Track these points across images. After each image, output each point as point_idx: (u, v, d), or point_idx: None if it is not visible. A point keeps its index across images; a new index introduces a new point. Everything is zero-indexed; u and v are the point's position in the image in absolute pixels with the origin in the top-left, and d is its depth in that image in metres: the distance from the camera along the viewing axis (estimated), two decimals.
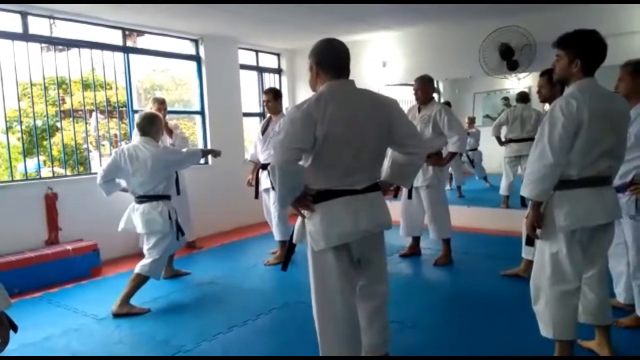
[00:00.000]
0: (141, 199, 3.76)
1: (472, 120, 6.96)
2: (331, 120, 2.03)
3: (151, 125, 3.79)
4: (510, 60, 5.74)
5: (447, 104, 5.82)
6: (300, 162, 2.11)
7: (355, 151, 2.10)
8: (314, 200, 2.12)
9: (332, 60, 2.16)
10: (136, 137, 3.92)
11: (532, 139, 2.50)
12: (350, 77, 2.25)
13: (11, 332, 1.48)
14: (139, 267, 3.72)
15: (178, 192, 4.74)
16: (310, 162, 2.11)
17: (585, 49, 2.33)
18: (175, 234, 3.84)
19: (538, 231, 2.47)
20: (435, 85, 4.89)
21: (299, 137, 2.02)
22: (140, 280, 3.70)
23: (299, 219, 2.26)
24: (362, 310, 2.32)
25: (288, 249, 2.37)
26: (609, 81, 2.59)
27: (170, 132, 5.13)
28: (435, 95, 4.88)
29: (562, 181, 2.35)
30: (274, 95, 4.85)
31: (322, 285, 2.19)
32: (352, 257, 2.20)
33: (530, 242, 2.62)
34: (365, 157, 2.14)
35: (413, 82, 4.57)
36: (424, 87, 4.46)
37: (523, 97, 6.00)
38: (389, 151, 2.36)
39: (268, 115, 5.02)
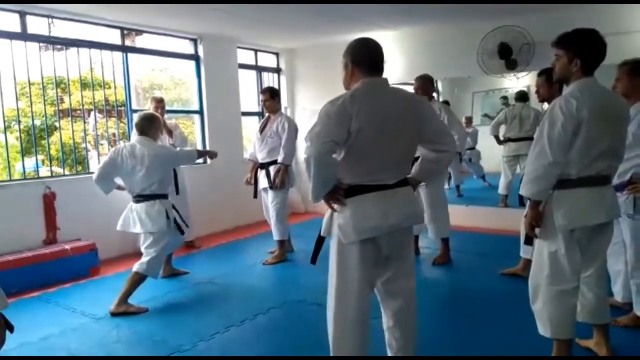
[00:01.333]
0: (138, 198, 3.76)
1: (469, 120, 6.96)
2: (365, 116, 2.08)
3: (150, 126, 3.82)
4: (509, 59, 5.74)
5: (446, 103, 5.82)
6: (335, 156, 2.15)
7: (387, 147, 2.15)
8: (346, 194, 2.16)
9: (367, 59, 2.22)
10: (135, 136, 3.94)
11: (531, 139, 2.51)
12: None
13: (8, 332, 1.48)
14: (137, 266, 3.72)
15: (177, 192, 4.75)
16: (343, 157, 2.15)
17: (585, 48, 2.32)
18: (174, 232, 3.84)
19: (537, 230, 2.47)
20: (435, 84, 4.89)
21: (334, 130, 2.07)
22: (138, 279, 3.70)
23: (328, 213, 2.28)
24: (388, 309, 2.32)
25: (317, 242, 2.37)
26: (607, 80, 2.59)
27: (170, 133, 5.13)
28: (434, 94, 4.88)
29: (562, 180, 2.35)
30: (271, 95, 4.86)
31: (344, 279, 2.20)
32: (380, 252, 2.22)
33: (529, 241, 2.62)
34: (397, 153, 2.19)
35: (413, 82, 4.57)
36: (425, 87, 4.46)
37: (522, 97, 6.00)
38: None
39: (267, 114, 5.02)
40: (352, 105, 2.08)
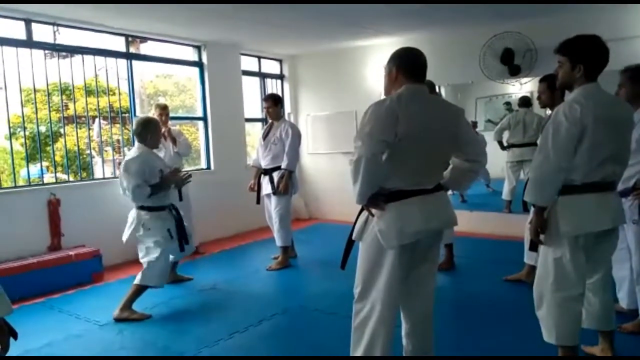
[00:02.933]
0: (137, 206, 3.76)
1: (474, 125, 6.95)
2: (410, 119, 2.12)
3: (145, 131, 3.74)
4: (511, 65, 5.75)
5: None
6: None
7: (428, 152, 2.19)
8: (386, 199, 2.18)
9: (411, 66, 2.27)
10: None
11: (534, 144, 2.51)
12: (354, 82, 2.33)
13: (12, 339, 1.48)
14: (136, 277, 3.72)
15: (180, 198, 4.74)
16: (386, 160, 2.16)
17: (587, 54, 2.32)
18: (171, 242, 3.76)
19: (541, 236, 2.46)
20: (438, 90, 4.90)
21: (384, 130, 2.09)
22: (138, 289, 3.70)
23: (362, 217, 2.29)
24: (409, 313, 2.36)
25: (347, 245, 2.38)
26: (608, 86, 2.59)
27: (174, 140, 5.14)
28: None
29: (566, 186, 2.34)
30: (273, 102, 4.88)
31: (379, 284, 2.22)
32: (415, 256, 2.25)
33: (533, 247, 2.60)
34: (435, 158, 2.26)
35: None
36: None
37: (525, 102, 5.99)
38: None
39: (270, 121, 5.04)
40: (399, 107, 2.12)
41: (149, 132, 3.76)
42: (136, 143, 3.81)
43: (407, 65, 2.26)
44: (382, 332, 2.22)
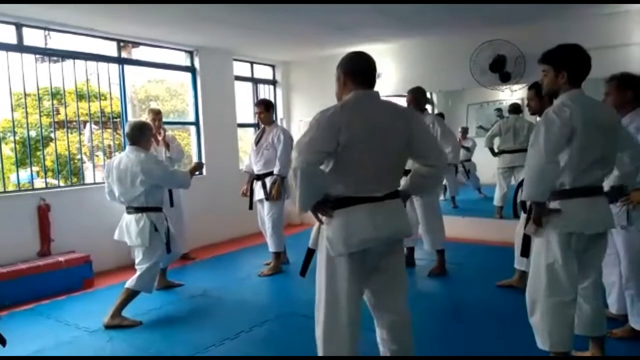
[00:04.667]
0: (128, 209, 3.74)
1: (465, 131, 7.00)
2: (355, 127, 2.09)
3: (141, 134, 3.75)
4: (502, 72, 5.80)
5: (440, 115, 5.85)
6: (322, 167, 2.15)
7: (376, 159, 2.14)
8: (333, 206, 2.15)
9: (359, 71, 2.23)
10: (127, 146, 3.89)
11: (525, 150, 2.53)
12: None
13: (0, 346, 1.46)
14: (128, 282, 3.70)
15: (172, 204, 4.72)
16: (332, 168, 2.15)
17: (569, 60, 2.40)
18: (165, 246, 3.79)
19: (535, 240, 2.48)
20: (429, 96, 4.93)
21: (323, 140, 2.07)
22: (129, 294, 3.68)
23: (316, 225, 2.28)
24: (382, 322, 2.30)
25: (307, 255, 2.36)
26: (594, 94, 2.64)
27: (167, 146, 5.13)
28: (429, 106, 4.91)
29: (556, 191, 2.38)
30: (265, 107, 4.89)
31: (333, 290, 2.19)
32: (366, 265, 2.21)
33: (525, 253, 2.63)
34: (386, 165, 2.19)
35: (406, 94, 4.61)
36: (416, 99, 4.50)
37: (516, 109, 6.04)
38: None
39: (262, 126, 5.04)
40: (342, 116, 2.09)
41: (144, 136, 3.78)
42: (129, 147, 3.75)
43: (354, 71, 2.22)
44: (345, 332, 2.18)
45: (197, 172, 4.12)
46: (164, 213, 3.86)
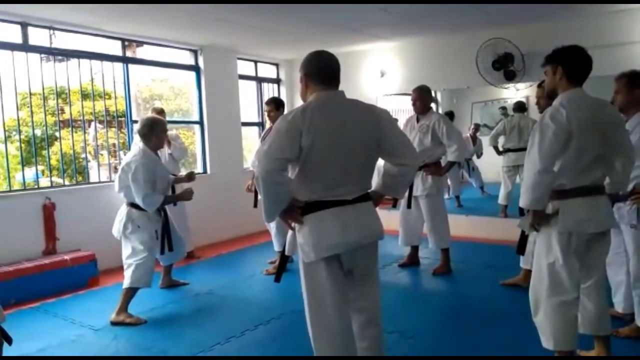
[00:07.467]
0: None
1: (477, 127, 6.97)
2: (316, 130, 2.01)
3: (150, 131, 3.75)
4: (507, 70, 5.78)
5: (450, 114, 5.82)
6: (286, 174, 2.10)
7: (342, 161, 2.07)
8: (303, 211, 2.11)
9: (320, 71, 2.17)
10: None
11: None
12: (349, 87, 2.24)
13: (6, 344, 1.47)
14: (123, 283, 3.71)
15: (175, 203, 4.73)
16: (297, 174, 2.09)
17: (566, 58, 2.42)
18: (156, 243, 3.80)
19: (535, 241, 2.48)
20: (434, 95, 4.91)
21: (284, 147, 2.00)
22: (129, 292, 3.69)
23: (290, 231, 2.25)
24: (355, 322, 2.26)
25: (281, 260, 2.35)
26: (601, 92, 2.63)
27: (168, 143, 5.13)
28: (433, 105, 4.90)
29: (556, 191, 2.38)
30: (275, 106, 4.88)
31: (315, 297, 2.16)
32: (343, 268, 2.17)
33: (521, 250, 2.64)
34: (353, 167, 2.11)
35: (411, 92, 4.59)
36: (422, 98, 4.49)
37: (520, 107, 6.03)
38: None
39: (269, 124, 5.03)
40: (303, 120, 2.01)
41: (154, 133, 3.76)
42: (140, 144, 3.77)
43: (315, 71, 2.16)
44: (333, 341, 2.15)
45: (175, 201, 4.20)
46: (162, 215, 3.85)
